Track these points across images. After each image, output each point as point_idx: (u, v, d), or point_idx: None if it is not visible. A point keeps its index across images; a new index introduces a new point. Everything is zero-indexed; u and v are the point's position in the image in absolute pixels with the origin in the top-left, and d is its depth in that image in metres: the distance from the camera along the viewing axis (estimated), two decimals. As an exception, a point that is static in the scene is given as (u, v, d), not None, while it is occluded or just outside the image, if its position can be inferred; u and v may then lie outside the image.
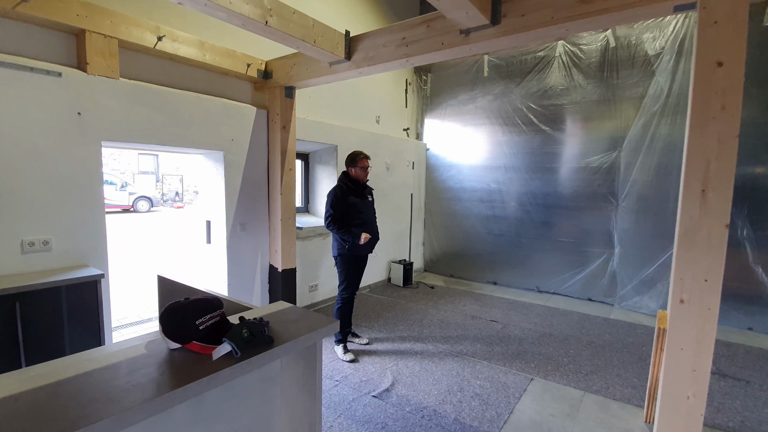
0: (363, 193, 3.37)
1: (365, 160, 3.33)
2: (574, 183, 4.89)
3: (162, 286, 1.83)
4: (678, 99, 4.16)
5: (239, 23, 2.44)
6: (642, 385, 2.87)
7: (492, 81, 5.42)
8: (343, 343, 3.32)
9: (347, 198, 3.26)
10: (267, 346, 1.01)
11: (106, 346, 1.22)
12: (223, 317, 1.05)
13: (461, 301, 4.82)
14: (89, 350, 1.09)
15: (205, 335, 0.98)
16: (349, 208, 3.26)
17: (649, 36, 4.31)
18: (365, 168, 3.33)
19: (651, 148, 4.32)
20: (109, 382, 0.83)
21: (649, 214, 4.42)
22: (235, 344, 0.94)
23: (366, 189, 3.41)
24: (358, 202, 3.30)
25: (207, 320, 0.99)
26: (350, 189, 3.30)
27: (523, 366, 3.14)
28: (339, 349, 3.29)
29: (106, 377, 0.85)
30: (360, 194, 3.33)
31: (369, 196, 3.44)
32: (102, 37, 2.70)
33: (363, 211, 3.31)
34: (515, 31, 2.29)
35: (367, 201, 3.39)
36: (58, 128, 2.55)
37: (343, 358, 3.20)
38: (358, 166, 3.30)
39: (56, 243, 2.57)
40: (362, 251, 3.31)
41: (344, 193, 3.26)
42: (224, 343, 0.94)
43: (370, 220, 3.36)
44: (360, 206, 3.30)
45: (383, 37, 2.88)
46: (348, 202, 3.25)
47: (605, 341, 3.68)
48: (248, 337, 0.97)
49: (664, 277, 4.33)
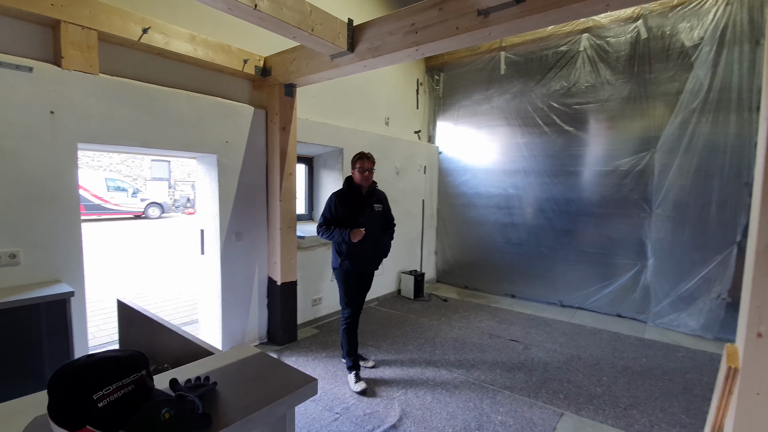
0: (368, 201, 2.93)
1: (364, 161, 2.86)
2: (601, 188, 4.47)
3: (122, 312, 1.53)
4: (720, 94, 3.73)
5: (224, 7, 2.15)
6: (693, 423, 2.45)
7: (509, 79, 5.05)
8: (355, 370, 2.90)
9: (346, 206, 2.87)
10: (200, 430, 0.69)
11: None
12: (141, 384, 0.72)
13: (477, 317, 4.43)
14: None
15: (105, 416, 0.65)
16: (347, 219, 2.86)
17: (686, 25, 3.90)
18: (363, 171, 2.86)
19: (690, 149, 3.89)
20: None
21: (687, 223, 3.97)
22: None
23: (373, 196, 2.97)
24: (359, 212, 2.87)
25: (112, 392, 0.66)
26: (350, 196, 2.91)
27: (550, 398, 2.74)
28: (351, 378, 2.87)
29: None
30: (363, 202, 2.91)
31: (378, 205, 2.98)
32: (79, 28, 2.45)
33: (362, 220, 2.86)
34: (544, 8, 1.94)
35: (372, 211, 2.93)
36: (28, 128, 2.29)
37: (353, 389, 2.78)
38: (355, 169, 2.89)
39: (25, 256, 2.30)
40: (361, 268, 2.91)
41: (342, 200, 2.88)
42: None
43: (371, 234, 2.87)
44: (361, 216, 2.87)
45: (390, 24, 2.56)
46: (346, 210, 2.86)
47: (642, 366, 3.25)
48: (169, 420, 0.65)
49: (706, 292, 3.87)
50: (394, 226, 3.18)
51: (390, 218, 3.15)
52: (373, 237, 2.90)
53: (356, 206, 2.88)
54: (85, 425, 0.64)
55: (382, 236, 3.06)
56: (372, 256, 2.97)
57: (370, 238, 2.86)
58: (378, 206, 2.99)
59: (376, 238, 2.95)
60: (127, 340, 1.51)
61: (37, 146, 2.32)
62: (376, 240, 2.95)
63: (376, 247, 2.99)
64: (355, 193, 2.92)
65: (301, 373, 0.96)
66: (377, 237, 2.97)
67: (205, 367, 1.03)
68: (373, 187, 3.01)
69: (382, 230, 3.05)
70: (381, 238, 3.03)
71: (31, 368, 2.02)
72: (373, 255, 2.98)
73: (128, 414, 0.67)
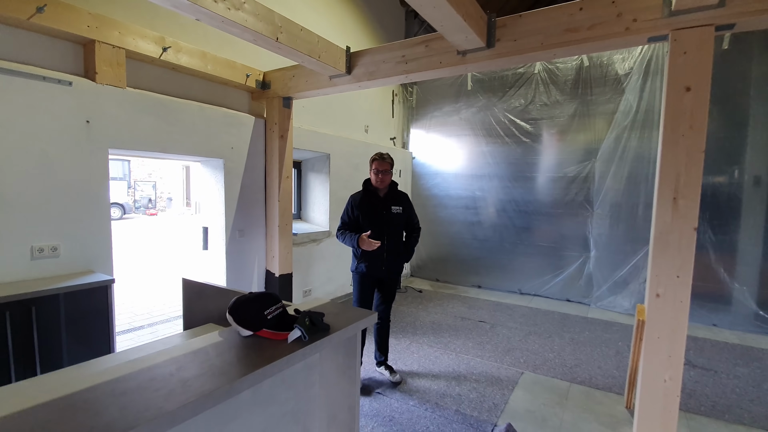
0: (385, 203, 2.88)
1: (377, 162, 2.84)
2: (553, 191, 5.22)
3: (187, 287, 1.93)
4: (645, 115, 4.56)
5: (251, 39, 2.58)
6: (620, 375, 3.14)
7: (475, 94, 5.72)
8: (384, 365, 3.05)
9: (362, 208, 2.86)
10: (325, 332, 1.16)
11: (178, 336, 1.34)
12: (283, 309, 1.19)
13: (449, 304, 5.03)
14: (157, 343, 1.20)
15: (272, 324, 1.11)
16: (363, 221, 2.84)
17: (619, 57, 4.71)
18: (378, 172, 2.84)
19: (622, 159, 4.70)
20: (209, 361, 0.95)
21: (621, 220, 4.78)
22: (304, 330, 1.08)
23: (392, 198, 2.92)
24: (374, 214, 2.84)
25: (273, 311, 1.12)
26: (366, 198, 2.89)
27: (513, 362, 3.36)
28: (383, 371, 3.04)
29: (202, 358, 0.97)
30: (380, 204, 2.87)
31: (396, 207, 2.91)
32: (110, 47, 2.77)
33: (379, 225, 2.82)
34: (508, 54, 2.54)
35: (389, 213, 2.87)
36: (68, 136, 2.59)
37: (390, 378, 2.98)
38: (371, 170, 2.88)
39: (64, 249, 2.59)
40: (378, 272, 2.85)
41: (357, 203, 2.87)
42: (295, 329, 1.08)
43: (381, 235, 2.80)
44: (376, 219, 2.83)
45: (383, 54, 3.07)
46: (362, 213, 2.85)
47: (585, 338, 3.96)
48: (310, 325, 1.11)
49: (636, 277, 4.69)
50: (419, 230, 3.11)
51: (414, 221, 3.08)
52: (390, 240, 2.85)
53: (372, 208, 2.86)
54: (262, 328, 1.10)
55: (401, 240, 2.97)
56: (388, 259, 2.87)
57: (386, 242, 2.81)
58: (396, 208, 2.92)
59: (394, 242, 2.88)
60: (196, 310, 1.91)
61: (75, 151, 2.62)
62: (394, 243, 2.88)
63: (394, 250, 2.89)
64: (371, 195, 2.89)
65: (363, 310, 1.44)
66: (395, 240, 2.89)
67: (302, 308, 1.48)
68: (393, 188, 2.96)
69: (401, 233, 2.99)
70: (399, 241, 2.94)
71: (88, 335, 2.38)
72: (389, 258, 2.87)
73: (282, 324, 1.13)
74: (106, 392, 0.82)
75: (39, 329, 2.18)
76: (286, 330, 1.12)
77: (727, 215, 4.22)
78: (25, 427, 0.74)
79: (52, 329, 2.25)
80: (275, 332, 1.11)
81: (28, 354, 2.15)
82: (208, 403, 0.82)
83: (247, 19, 2.40)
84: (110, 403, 0.79)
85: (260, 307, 1.12)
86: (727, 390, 2.96)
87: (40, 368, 2.21)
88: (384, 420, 2.47)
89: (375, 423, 2.44)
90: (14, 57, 2.42)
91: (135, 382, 0.85)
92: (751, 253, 4.16)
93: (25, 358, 2.15)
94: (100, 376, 0.87)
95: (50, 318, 2.23)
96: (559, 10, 2.36)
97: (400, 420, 2.47)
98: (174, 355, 0.99)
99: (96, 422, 0.72)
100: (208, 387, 0.84)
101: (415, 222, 3.09)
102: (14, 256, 2.38)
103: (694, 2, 1.96)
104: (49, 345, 2.22)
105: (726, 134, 4.20)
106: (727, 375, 3.20)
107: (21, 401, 0.81)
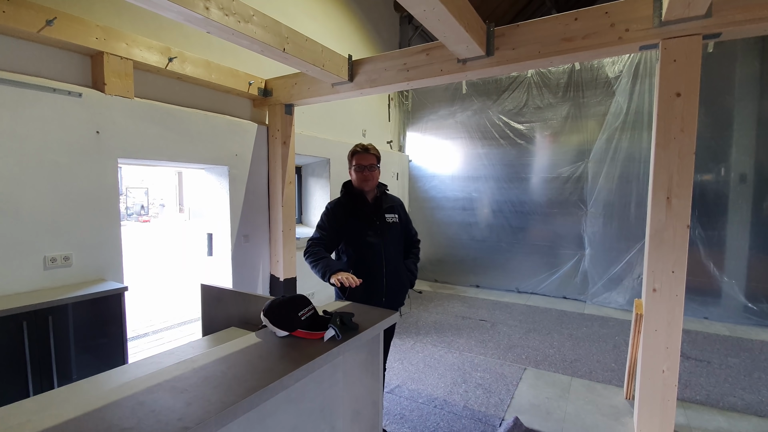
0: (377, 211, 2.15)
1: (358, 155, 2.12)
2: (547, 191, 5.36)
3: (206, 294, 1.99)
4: (635, 116, 4.72)
5: (259, 50, 2.65)
6: (619, 368, 3.26)
7: (470, 98, 5.85)
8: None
9: (344, 217, 2.11)
10: (355, 332, 1.24)
11: (204, 340, 1.40)
12: (315, 310, 1.27)
13: (449, 304, 5.13)
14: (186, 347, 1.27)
15: (306, 324, 1.19)
16: (345, 233, 2.11)
17: (609, 60, 4.87)
18: (361, 168, 2.10)
19: (614, 160, 4.85)
20: (254, 360, 1.02)
21: (614, 218, 4.93)
22: (337, 329, 1.16)
23: (385, 204, 2.20)
24: (365, 226, 2.10)
25: (306, 312, 1.20)
26: (350, 206, 2.14)
27: (515, 358, 3.46)
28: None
29: (248, 358, 1.04)
30: (371, 213, 2.14)
31: (391, 216, 2.20)
32: (118, 58, 2.82)
33: (371, 239, 2.08)
34: (507, 62, 2.64)
35: (384, 223, 2.14)
36: (78, 146, 2.63)
37: None
38: (352, 168, 2.16)
39: (76, 258, 2.63)
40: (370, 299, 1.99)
41: (338, 212, 2.13)
42: (329, 328, 1.16)
43: (378, 253, 2.08)
44: (367, 232, 2.09)
45: (385, 62, 3.17)
46: (345, 222, 2.10)
47: (583, 333, 4.09)
48: (341, 325, 1.19)
49: (630, 274, 4.84)
50: (418, 242, 2.39)
51: (412, 232, 2.38)
52: (389, 261, 2.11)
53: (360, 218, 2.11)
54: (297, 328, 1.18)
55: (402, 258, 2.25)
56: (389, 286, 2.08)
57: (384, 263, 2.09)
58: (392, 216, 2.20)
59: (393, 263, 2.14)
60: (215, 315, 1.97)
61: (85, 161, 2.67)
62: (394, 265, 2.14)
63: (395, 274, 2.13)
64: (358, 201, 2.14)
65: (384, 311, 1.53)
66: (396, 260, 2.16)
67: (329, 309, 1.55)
68: (383, 191, 2.23)
69: (401, 250, 2.26)
70: (400, 261, 2.21)
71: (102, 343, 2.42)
72: (390, 285, 2.09)
73: (315, 324, 1.20)
74: (168, 390, 0.89)
75: (55, 338, 2.22)
76: (318, 330, 1.20)
77: (715, 212, 4.39)
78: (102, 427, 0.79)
79: (68, 338, 2.29)
80: (310, 332, 1.18)
81: (45, 363, 2.19)
82: (264, 395, 0.89)
83: (256, 31, 2.48)
84: (176, 400, 0.86)
85: (294, 309, 1.20)
86: (720, 379, 3.09)
87: (56, 377, 2.24)
88: (395, 418, 2.55)
89: (386, 421, 2.51)
90: (25, 69, 2.46)
91: (192, 380, 0.92)
92: (738, 247, 4.33)
93: (42, 367, 2.18)
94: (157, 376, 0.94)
95: (66, 327, 2.27)
96: (555, 20, 2.47)
97: (410, 417, 2.55)
98: (221, 355, 1.06)
99: (168, 417, 0.79)
100: (262, 382, 0.91)
101: (413, 233, 2.39)
102: (28, 267, 2.41)
103: (683, 13, 2.08)
104: (64, 353, 2.26)
105: (712, 134, 4.36)
106: (719, 365, 3.34)
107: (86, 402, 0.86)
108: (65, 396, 0.86)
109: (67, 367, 2.29)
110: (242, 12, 2.38)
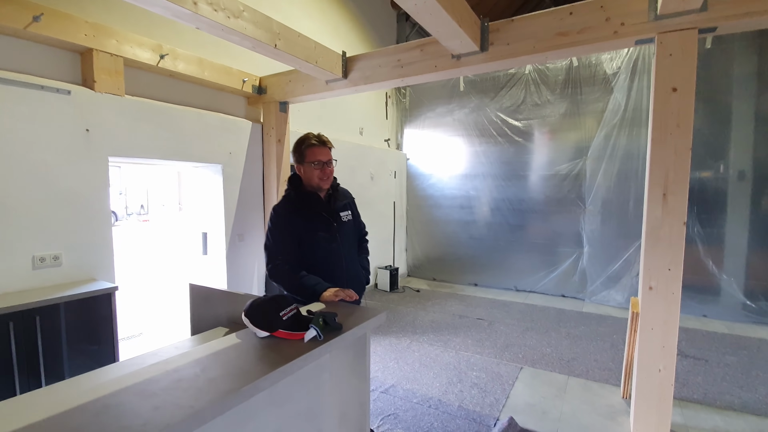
0: (332, 209, 1.94)
1: (317, 149, 1.86)
2: (545, 189, 5.32)
3: (194, 293, 1.96)
4: (633, 113, 4.67)
5: (250, 46, 2.61)
6: (616, 367, 3.23)
7: (468, 95, 5.80)
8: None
9: (295, 221, 1.85)
10: (338, 331, 1.20)
11: (189, 340, 1.38)
12: (297, 310, 1.23)
13: (447, 303, 5.10)
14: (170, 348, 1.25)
15: (287, 324, 1.16)
16: (299, 241, 1.85)
17: (607, 57, 4.82)
18: (321, 164, 1.86)
19: (612, 157, 4.81)
20: (231, 362, 0.99)
21: (612, 216, 4.89)
22: (319, 329, 1.12)
23: (338, 201, 2.00)
24: (317, 228, 1.88)
25: (288, 312, 1.17)
26: (301, 206, 1.89)
27: (512, 357, 3.43)
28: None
29: (224, 359, 1.01)
30: (324, 212, 1.92)
31: (345, 213, 2.02)
32: (108, 55, 2.78)
33: (325, 242, 1.89)
34: (501, 57, 2.61)
35: (341, 223, 1.97)
36: (67, 145, 2.60)
37: None
38: (306, 163, 1.87)
39: (66, 258, 2.60)
40: None
41: (290, 216, 1.86)
42: (311, 328, 1.12)
43: (338, 257, 1.92)
44: (320, 234, 1.88)
45: (380, 58, 3.13)
46: (297, 228, 1.85)
47: (581, 332, 4.05)
48: (324, 325, 1.16)
49: (628, 271, 4.80)
50: (367, 239, 2.26)
51: (362, 226, 2.21)
52: (350, 262, 1.99)
53: (315, 219, 1.89)
54: (278, 329, 1.15)
55: (357, 257, 2.10)
56: (351, 287, 1.83)
57: (333, 265, 1.91)
58: (345, 214, 2.02)
59: (353, 263, 2.03)
60: (203, 315, 1.94)
61: (75, 160, 2.63)
62: (353, 265, 2.02)
63: (355, 277, 2.00)
64: (310, 199, 1.90)
65: (373, 310, 1.49)
66: (353, 260, 2.04)
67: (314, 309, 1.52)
68: (335, 186, 2.02)
69: (356, 247, 2.12)
70: (356, 260, 2.08)
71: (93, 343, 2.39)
72: (352, 286, 1.87)
73: (297, 325, 1.17)
74: (137, 393, 0.86)
75: (43, 339, 2.19)
76: (301, 330, 1.17)
77: (713, 209, 4.35)
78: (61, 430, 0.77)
79: (57, 338, 2.26)
80: (291, 332, 1.15)
81: (33, 364, 2.17)
82: (235, 399, 0.86)
83: (246, 27, 2.44)
84: (143, 404, 0.83)
85: (276, 309, 1.17)
86: (717, 378, 3.06)
87: (44, 377, 2.22)
88: (388, 418, 2.52)
89: (380, 421, 2.49)
90: (12, 66, 2.43)
91: (163, 383, 0.89)
92: (737, 245, 4.29)
93: (30, 367, 2.15)
94: (128, 378, 0.91)
95: (54, 327, 2.24)
96: (550, 14, 2.43)
97: (404, 417, 2.53)
98: (197, 356, 1.03)
99: (131, 422, 0.76)
100: (235, 385, 0.88)
101: (363, 227, 2.22)
102: (16, 266, 2.38)
103: (678, 6, 2.04)
104: (53, 354, 2.24)
105: (711, 131, 4.32)
106: (717, 363, 3.30)
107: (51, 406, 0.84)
108: (30, 400, 0.83)
109: (57, 367, 2.27)
110: (232, 7, 2.35)
